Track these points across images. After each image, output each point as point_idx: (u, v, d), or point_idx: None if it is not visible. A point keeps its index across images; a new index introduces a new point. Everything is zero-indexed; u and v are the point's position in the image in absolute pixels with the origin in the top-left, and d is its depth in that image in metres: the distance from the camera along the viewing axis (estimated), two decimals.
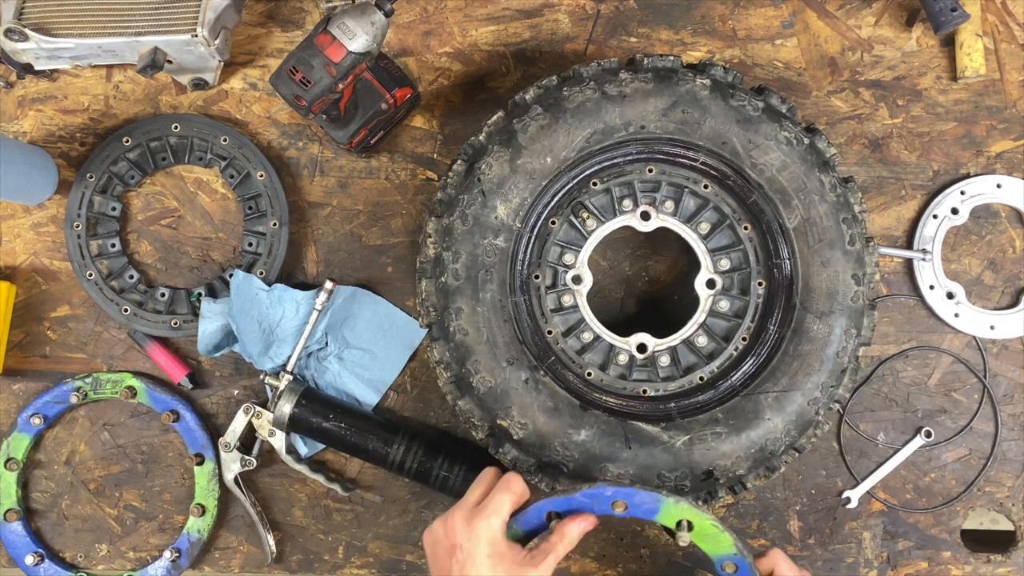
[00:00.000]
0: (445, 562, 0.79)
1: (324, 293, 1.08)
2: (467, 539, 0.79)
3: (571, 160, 0.96)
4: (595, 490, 0.84)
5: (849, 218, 0.96)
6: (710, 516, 0.84)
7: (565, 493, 0.84)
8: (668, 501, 0.84)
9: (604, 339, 1.00)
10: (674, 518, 0.85)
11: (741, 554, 0.86)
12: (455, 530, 0.80)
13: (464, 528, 0.80)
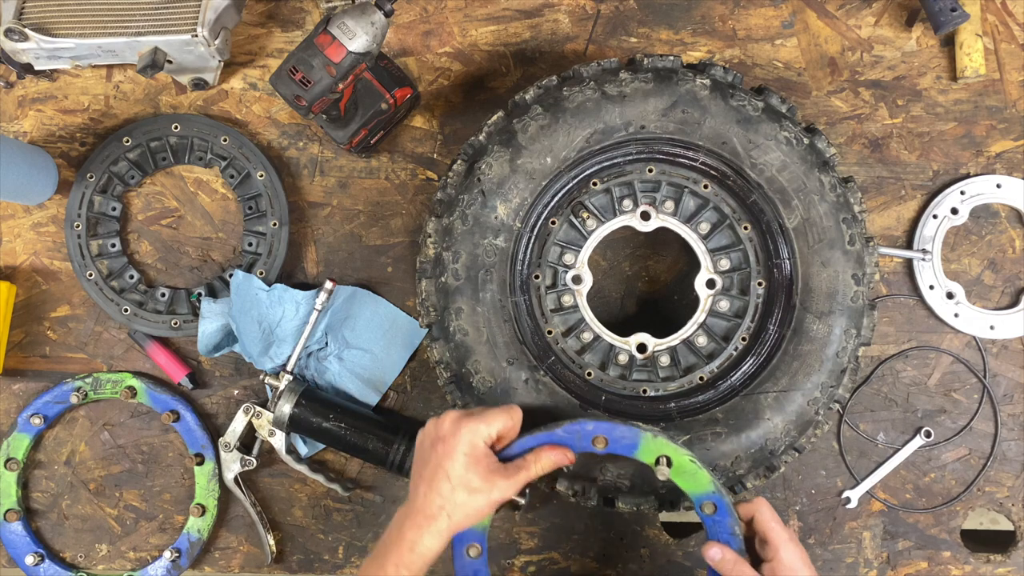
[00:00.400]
0: (427, 453, 0.83)
1: (324, 293, 1.08)
2: (452, 435, 0.82)
3: (571, 160, 0.96)
4: (576, 425, 0.87)
5: (849, 218, 0.96)
6: (688, 453, 0.86)
7: (547, 429, 0.87)
8: (647, 436, 0.86)
9: (604, 339, 1.00)
10: (653, 454, 0.87)
11: (719, 493, 0.86)
12: (443, 426, 0.84)
13: (452, 426, 0.83)
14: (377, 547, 0.84)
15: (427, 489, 0.82)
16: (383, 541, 0.83)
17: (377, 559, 0.82)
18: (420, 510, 0.82)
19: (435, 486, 0.82)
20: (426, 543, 0.81)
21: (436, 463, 0.82)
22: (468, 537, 0.89)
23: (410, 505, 0.83)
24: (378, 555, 0.83)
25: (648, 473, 0.94)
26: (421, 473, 0.84)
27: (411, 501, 0.83)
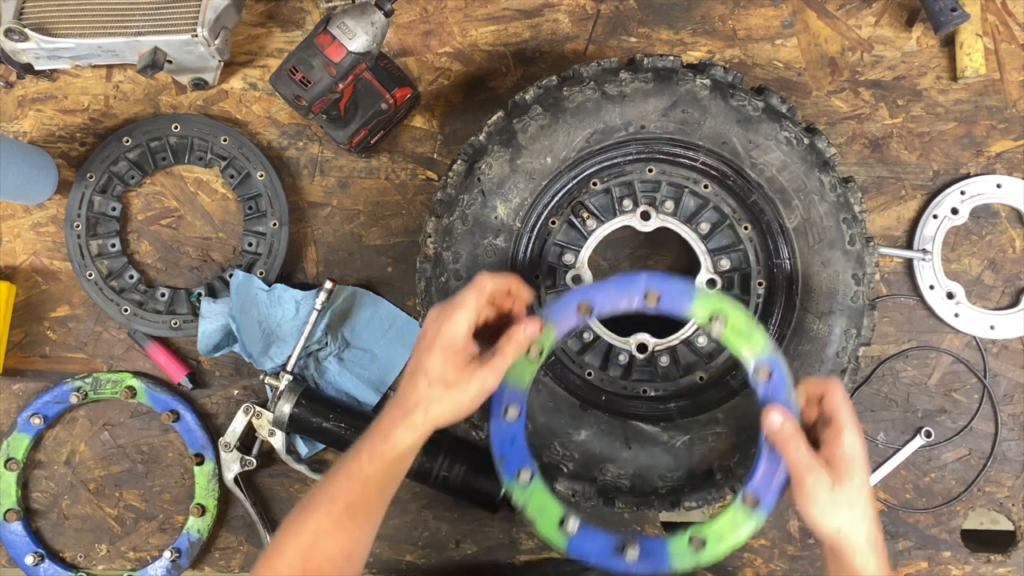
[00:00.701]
0: (415, 347, 0.82)
1: (324, 293, 1.08)
2: (431, 328, 0.80)
3: (571, 160, 0.96)
4: (627, 277, 0.83)
5: (849, 218, 0.96)
6: (745, 310, 0.82)
7: (598, 282, 0.84)
8: (702, 291, 0.82)
9: (604, 339, 1.00)
10: (707, 311, 0.82)
11: (777, 357, 0.81)
12: (430, 317, 0.82)
13: (434, 317, 0.81)
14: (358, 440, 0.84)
15: (406, 384, 0.81)
16: (364, 433, 0.83)
17: (354, 449, 0.82)
18: (398, 403, 0.81)
19: (413, 381, 0.80)
20: (399, 435, 0.80)
21: (416, 358, 0.81)
22: (507, 397, 0.84)
23: (394, 397, 0.83)
24: (356, 446, 0.82)
25: (648, 474, 0.94)
26: (406, 368, 0.83)
27: (396, 394, 0.83)
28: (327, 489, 0.81)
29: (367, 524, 0.83)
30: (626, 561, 0.82)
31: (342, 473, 0.81)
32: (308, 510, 0.81)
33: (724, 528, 0.81)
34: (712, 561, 0.82)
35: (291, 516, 0.83)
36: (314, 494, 0.82)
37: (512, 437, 0.85)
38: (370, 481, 0.81)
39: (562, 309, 0.84)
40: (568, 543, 0.84)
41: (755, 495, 0.81)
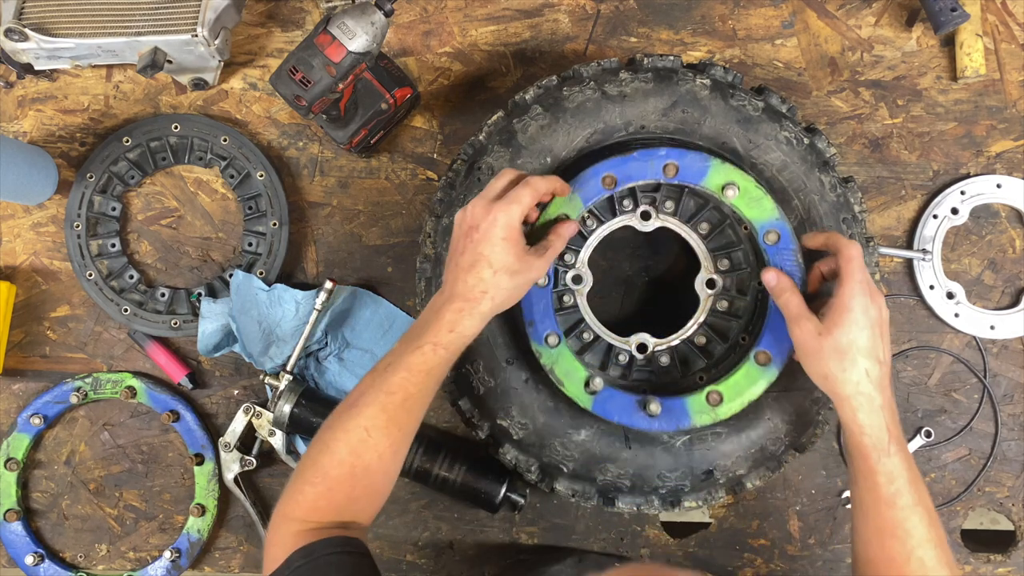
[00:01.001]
0: (461, 242, 0.85)
1: (324, 293, 1.08)
2: (484, 220, 0.83)
3: (572, 160, 0.96)
4: (649, 152, 0.91)
5: (849, 218, 0.96)
6: (755, 179, 0.89)
7: (621, 155, 0.91)
8: (716, 161, 0.90)
9: (604, 339, 1.00)
10: (722, 179, 0.90)
11: (783, 220, 0.89)
12: (475, 214, 0.84)
13: (483, 212, 0.84)
14: (409, 332, 0.85)
15: (466, 275, 0.83)
16: (416, 326, 0.85)
17: (412, 341, 0.84)
18: (460, 295, 0.83)
19: (476, 272, 0.83)
20: (466, 324, 0.83)
21: (474, 250, 0.83)
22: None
23: (448, 291, 0.84)
24: (412, 337, 0.84)
25: (648, 474, 0.94)
26: (458, 262, 0.84)
27: (448, 288, 0.85)
28: (383, 383, 0.83)
29: (418, 416, 0.86)
30: (648, 416, 0.90)
31: (401, 367, 0.83)
32: (359, 406, 0.83)
33: (739, 383, 0.90)
34: (728, 415, 0.90)
35: (338, 415, 0.85)
36: (365, 390, 0.84)
37: (541, 302, 0.92)
38: (432, 372, 0.84)
39: (588, 180, 0.92)
40: (593, 402, 0.91)
41: (767, 352, 0.89)
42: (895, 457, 0.80)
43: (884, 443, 0.81)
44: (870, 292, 0.82)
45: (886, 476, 0.81)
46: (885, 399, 0.81)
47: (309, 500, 0.83)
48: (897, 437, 0.81)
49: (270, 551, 0.83)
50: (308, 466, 0.84)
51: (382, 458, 0.84)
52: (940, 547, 0.81)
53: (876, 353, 0.81)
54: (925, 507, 0.81)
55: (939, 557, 0.81)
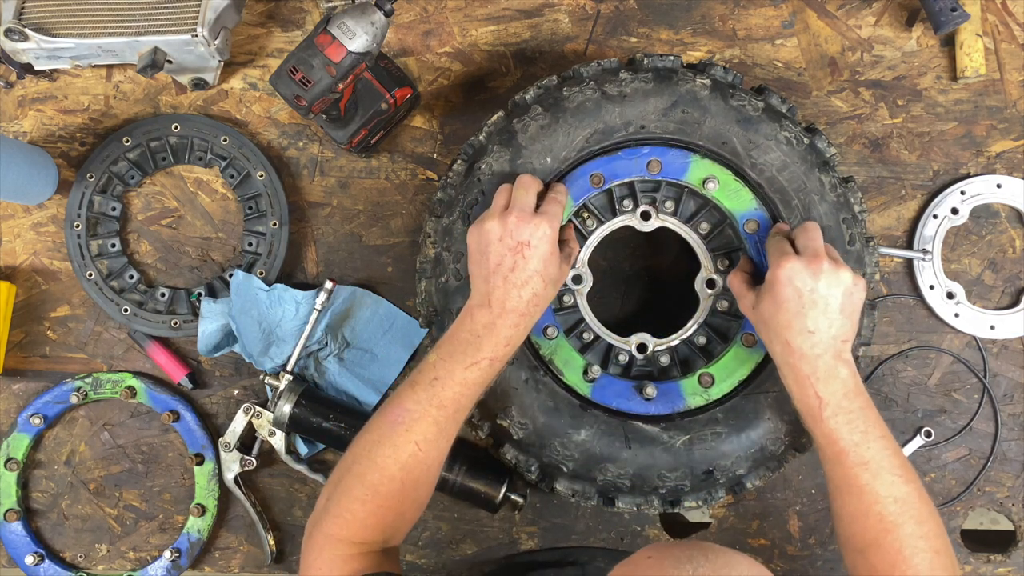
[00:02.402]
0: (509, 257, 0.85)
1: (324, 293, 1.08)
2: (534, 236, 0.85)
3: (571, 160, 0.96)
4: (633, 151, 0.95)
5: (849, 218, 0.96)
6: (732, 173, 0.95)
7: (608, 154, 0.96)
8: (696, 157, 0.95)
9: (604, 339, 1.00)
10: (703, 173, 0.95)
11: (761, 209, 0.95)
12: (521, 229, 0.85)
13: (531, 227, 0.85)
14: (454, 346, 0.86)
15: (520, 290, 0.85)
16: (462, 340, 0.85)
17: (464, 356, 0.85)
18: (515, 309, 0.85)
19: (530, 286, 0.85)
20: (520, 336, 0.87)
21: (527, 266, 0.85)
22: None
23: (499, 306, 0.85)
24: (462, 351, 0.85)
25: (648, 474, 0.94)
26: (508, 277, 0.85)
27: (499, 302, 0.85)
28: (433, 398, 0.85)
29: (462, 423, 0.88)
30: (645, 400, 0.95)
31: (454, 382, 0.85)
32: (407, 421, 0.84)
33: (729, 365, 0.95)
34: (720, 395, 0.95)
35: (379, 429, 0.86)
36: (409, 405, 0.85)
37: None
38: (486, 382, 0.87)
39: (577, 179, 0.96)
40: (592, 389, 0.95)
41: (752, 334, 0.95)
42: (830, 423, 0.83)
43: (815, 409, 0.83)
44: (802, 263, 0.83)
45: (824, 438, 0.84)
46: (813, 367, 0.83)
47: (359, 519, 0.84)
48: (837, 404, 0.83)
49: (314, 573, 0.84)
50: (354, 484, 0.85)
51: (430, 470, 0.86)
52: (903, 503, 0.82)
53: (802, 323, 0.83)
54: (883, 466, 0.83)
55: (902, 512, 0.82)
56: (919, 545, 0.82)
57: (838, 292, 0.83)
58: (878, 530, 0.83)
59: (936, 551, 0.82)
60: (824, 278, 0.83)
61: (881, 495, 0.83)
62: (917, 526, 0.82)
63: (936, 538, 0.83)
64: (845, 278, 0.84)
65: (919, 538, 0.82)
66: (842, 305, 0.83)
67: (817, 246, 0.85)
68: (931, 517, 0.84)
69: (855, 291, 0.84)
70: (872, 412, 0.85)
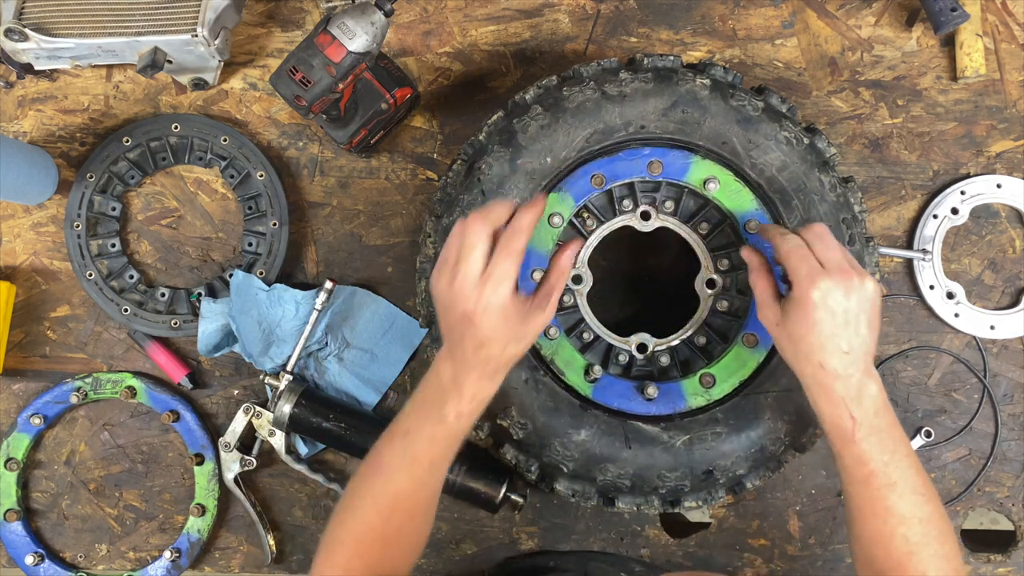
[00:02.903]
0: (458, 328, 0.82)
1: (324, 293, 1.08)
2: (478, 305, 0.81)
3: (571, 160, 0.96)
4: (634, 152, 0.95)
5: (849, 218, 0.96)
6: (732, 173, 0.95)
7: (609, 155, 0.96)
8: (696, 158, 0.95)
9: (604, 339, 1.00)
10: (703, 174, 0.95)
11: (762, 210, 0.95)
12: (466, 297, 0.81)
13: (476, 295, 0.81)
14: (425, 397, 0.85)
15: (475, 354, 0.82)
16: (432, 391, 0.84)
17: (431, 409, 0.83)
18: (475, 368, 0.82)
19: (484, 351, 0.82)
20: (487, 389, 0.84)
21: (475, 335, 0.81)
22: (533, 262, 0.95)
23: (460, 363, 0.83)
24: (431, 405, 0.84)
25: (648, 474, 0.94)
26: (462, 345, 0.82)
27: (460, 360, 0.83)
28: (406, 450, 0.84)
29: (444, 471, 0.88)
30: (646, 400, 0.94)
31: (423, 435, 0.84)
32: (384, 472, 0.85)
33: (730, 365, 0.95)
34: (721, 395, 0.94)
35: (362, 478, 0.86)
36: (387, 458, 0.85)
37: None
38: (457, 437, 0.85)
39: (579, 180, 0.96)
40: (593, 389, 0.95)
41: (754, 335, 0.95)
42: (862, 444, 0.80)
43: (847, 431, 0.80)
44: (834, 281, 0.79)
45: (854, 460, 0.81)
46: (847, 387, 0.80)
47: (343, 562, 0.84)
48: (869, 424, 0.80)
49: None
50: (338, 527, 0.86)
51: (414, 519, 0.86)
52: (927, 523, 0.81)
53: (836, 343, 0.80)
54: (909, 485, 0.81)
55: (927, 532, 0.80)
56: (943, 567, 0.81)
57: (867, 306, 0.80)
58: (903, 553, 0.81)
59: (957, 571, 0.82)
60: (856, 295, 0.80)
61: (907, 516, 0.81)
62: (940, 546, 0.81)
63: (956, 557, 0.82)
64: (870, 289, 0.80)
65: (942, 558, 0.81)
66: (871, 319, 0.81)
67: (840, 258, 0.81)
68: (951, 535, 0.83)
69: (878, 300, 0.82)
70: (899, 430, 0.83)
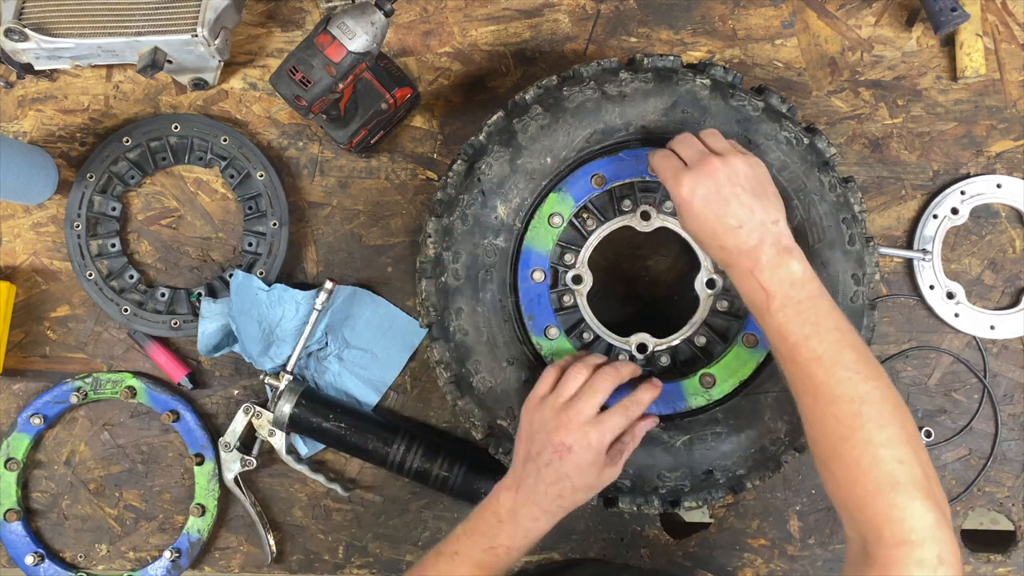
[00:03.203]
0: (547, 453, 0.84)
1: (324, 293, 1.08)
2: (578, 444, 0.84)
3: (571, 160, 0.96)
4: (633, 151, 0.97)
5: (849, 218, 0.96)
6: None
7: (609, 155, 0.97)
8: None
9: (604, 339, 1.00)
10: None
11: None
12: (572, 431, 0.84)
13: (581, 433, 0.84)
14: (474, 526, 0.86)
15: (547, 487, 0.84)
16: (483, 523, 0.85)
17: (484, 537, 0.84)
18: (539, 503, 0.84)
19: (558, 487, 0.84)
20: (541, 529, 0.86)
21: (560, 469, 0.84)
22: (533, 262, 0.97)
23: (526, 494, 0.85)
24: (485, 534, 0.85)
25: (648, 474, 0.94)
26: (541, 470, 0.84)
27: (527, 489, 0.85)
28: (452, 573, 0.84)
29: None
30: None
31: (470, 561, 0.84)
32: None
33: (730, 365, 0.95)
34: (721, 395, 0.94)
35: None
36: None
37: (539, 298, 0.97)
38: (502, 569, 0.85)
39: (579, 180, 0.97)
40: None
41: (754, 335, 0.95)
42: (778, 316, 0.80)
43: (763, 304, 0.80)
44: (695, 171, 0.83)
45: (775, 334, 0.81)
46: (752, 259, 0.81)
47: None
48: (784, 295, 0.79)
49: None
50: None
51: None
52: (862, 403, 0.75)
53: (725, 223, 0.81)
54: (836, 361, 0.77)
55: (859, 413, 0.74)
56: (880, 455, 0.73)
57: (741, 179, 0.82)
58: (836, 436, 0.75)
59: (900, 460, 0.73)
60: (722, 174, 0.82)
61: (837, 395, 0.76)
62: (878, 430, 0.74)
63: (901, 444, 0.73)
64: (738, 163, 0.83)
65: (880, 446, 0.73)
66: (753, 189, 0.83)
67: (699, 151, 0.85)
68: (895, 419, 0.75)
69: (755, 169, 0.84)
70: (824, 302, 0.80)
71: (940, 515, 0.71)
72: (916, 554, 0.70)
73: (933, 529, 0.70)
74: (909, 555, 0.70)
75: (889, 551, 0.70)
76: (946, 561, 0.69)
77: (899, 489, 0.71)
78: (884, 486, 0.72)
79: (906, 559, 0.70)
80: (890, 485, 0.72)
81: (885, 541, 0.71)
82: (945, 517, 0.71)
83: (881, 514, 0.72)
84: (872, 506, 0.72)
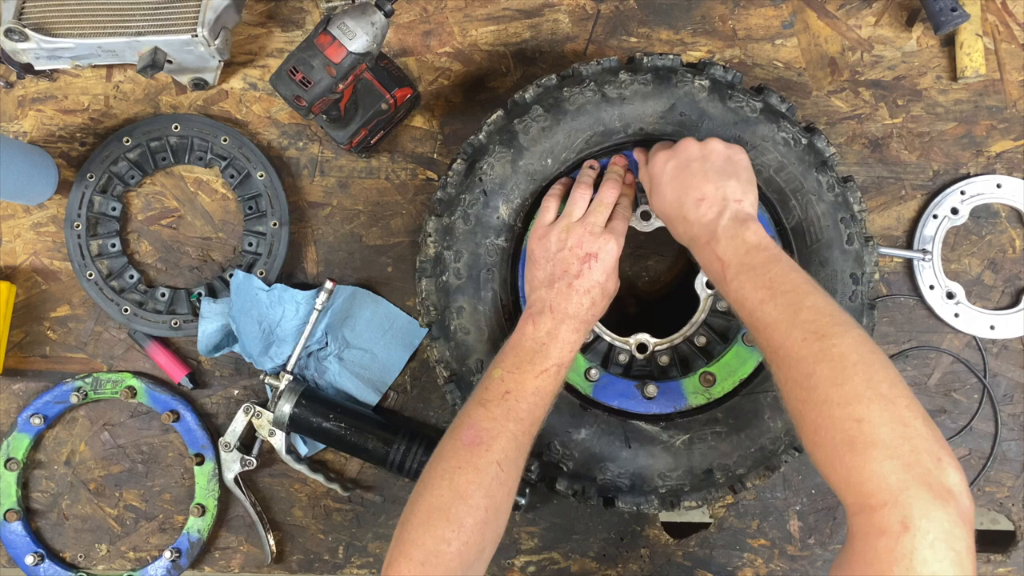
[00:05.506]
0: (576, 265, 0.88)
1: (324, 293, 1.08)
2: (603, 250, 0.89)
3: (571, 161, 0.96)
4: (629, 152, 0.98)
5: (847, 218, 0.96)
6: None
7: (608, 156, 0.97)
8: None
9: (604, 339, 1.00)
10: None
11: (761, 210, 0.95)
12: (591, 242, 0.89)
13: (599, 241, 0.89)
14: (513, 363, 0.86)
15: (581, 297, 0.88)
16: (525, 349, 0.86)
17: (531, 365, 0.85)
18: (575, 315, 0.87)
19: (591, 295, 0.88)
20: (579, 341, 0.89)
21: (591, 277, 0.88)
22: None
23: (560, 312, 0.87)
24: (528, 361, 0.86)
25: (648, 474, 0.94)
26: (572, 283, 0.88)
27: (560, 308, 0.87)
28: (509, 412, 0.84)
29: (535, 437, 0.87)
30: (646, 399, 0.95)
31: (527, 392, 0.84)
32: (486, 441, 0.81)
33: (730, 364, 0.95)
34: (721, 394, 0.94)
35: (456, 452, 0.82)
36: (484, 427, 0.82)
37: None
38: (556, 390, 0.88)
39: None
40: (593, 388, 0.96)
41: None
42: (732, 283, 0.80)
43: (720, 274, 0.82)
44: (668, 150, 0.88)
45: (734, 302, 0.81)
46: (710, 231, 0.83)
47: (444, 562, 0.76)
48: (739, 263, 0.80)
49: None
50: (436, 519, 0.77)
51: (510, 494, 0.83)
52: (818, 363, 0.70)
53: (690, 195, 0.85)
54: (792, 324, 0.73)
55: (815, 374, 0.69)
56: (835, 415, 0.67)
57: (712, 156, 0.86)
58: (797, 400, 0.71)
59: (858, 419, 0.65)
60: (692, 149, 0.87)
61: (793, 356, 0.72)
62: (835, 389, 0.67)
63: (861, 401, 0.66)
64: (715, 145, 0.87)
65: (835, 405, 0.67)
66: (722, 167, 0.85)
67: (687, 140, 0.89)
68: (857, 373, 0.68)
69: (732, 152, 0.87)
70: (779, 265, 0.78)
71: (907, 475, 0.62)
72: (876, 520, 0.62)
73: (895, 492, 0.61)
74: (869, 522, 0.62)
75: (852, 519, 0.65)
76: (911, 527, 0.60)
77: (855, 450, 0.64)
78: (840, 448, 0.65)
79: (867, 527, 0.62)
80: (846, 446, 0.65)
81: (849, 508, 0.65)
82: (917, 476, 0.62)
83: (841, 479, 0.66)
84: (835, 471, 0.66)
